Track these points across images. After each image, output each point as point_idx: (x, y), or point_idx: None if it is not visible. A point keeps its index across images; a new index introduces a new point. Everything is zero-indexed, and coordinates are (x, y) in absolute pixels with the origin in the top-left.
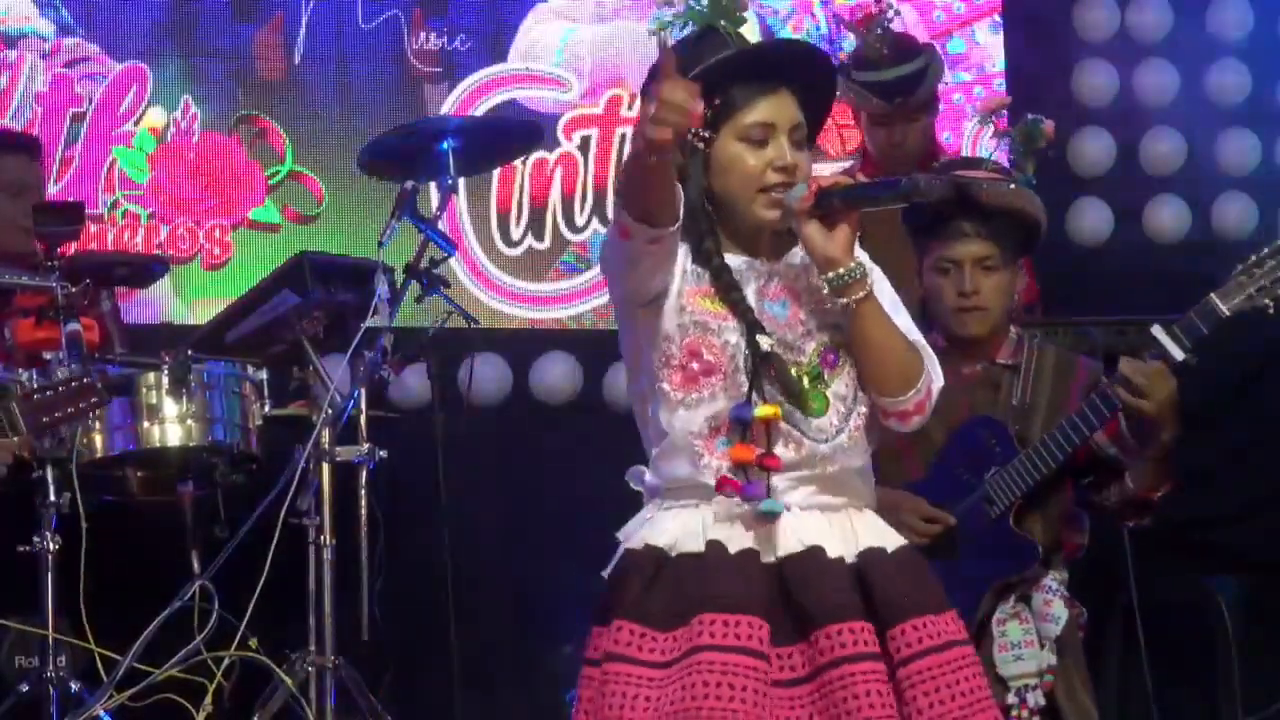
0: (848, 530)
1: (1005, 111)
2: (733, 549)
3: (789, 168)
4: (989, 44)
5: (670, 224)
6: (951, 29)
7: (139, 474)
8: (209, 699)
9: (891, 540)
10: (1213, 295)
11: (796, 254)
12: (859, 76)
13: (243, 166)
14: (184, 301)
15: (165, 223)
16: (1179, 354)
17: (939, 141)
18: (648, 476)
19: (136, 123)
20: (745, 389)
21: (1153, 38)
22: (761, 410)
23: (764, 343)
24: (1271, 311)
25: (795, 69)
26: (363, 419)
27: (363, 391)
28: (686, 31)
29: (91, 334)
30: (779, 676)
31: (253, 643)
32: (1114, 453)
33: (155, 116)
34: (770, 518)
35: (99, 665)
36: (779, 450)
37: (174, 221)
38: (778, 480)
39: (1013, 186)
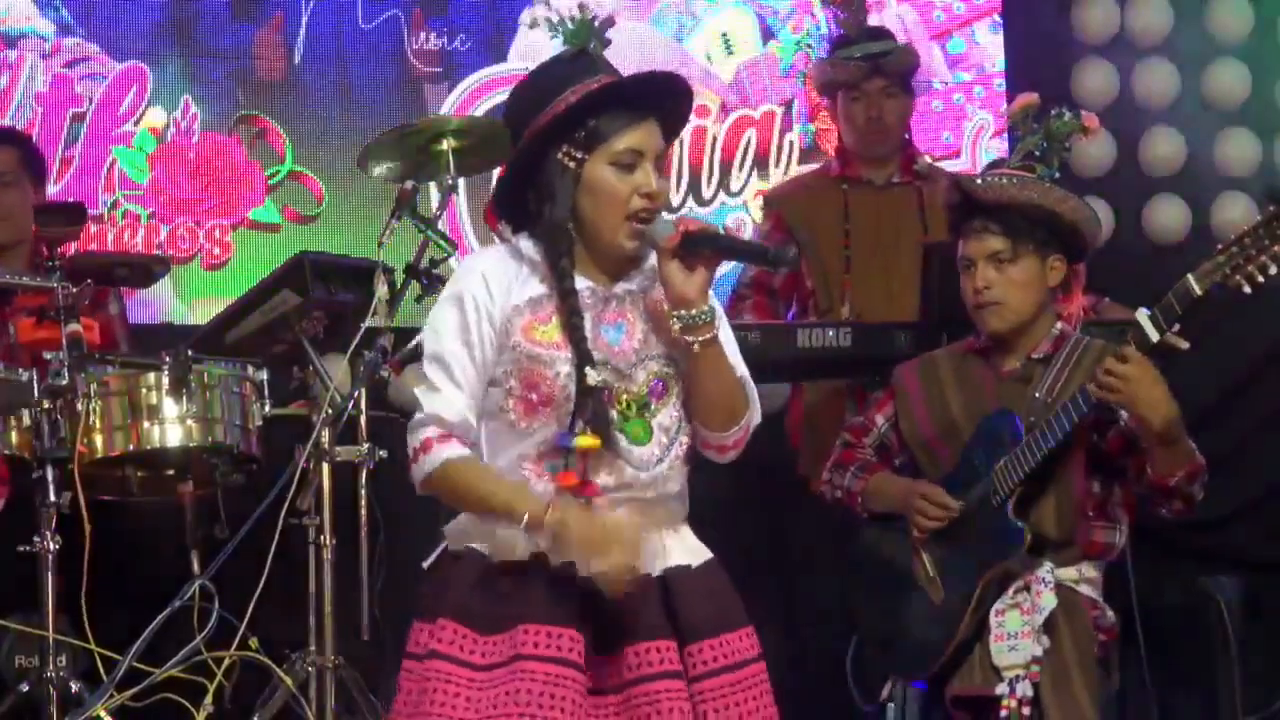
0: (658, 548)
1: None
2: (554, 561)
3: (653, 194)
4: (989, 44)
5: None
6: (951, 29)
7: (139, 474)
8: (209, 699)
9: (698, 557)
10: (1189, 276)
11: (635, 278)
12: (840, 52)
13: (243, 166)
14: (184, 301)
15: (165, 223)
16: (1154, 335)
17: (913, 144)
18: None
19: (136, 123)
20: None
21: (1153, 38)
22: (582, 440)
23: (591, 377)
24: (1247, 289)
25: (663, 100)
26: (363, 419)
27: (363, 391)
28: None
29: (91, 334)
30: (592, 685)
31: (253, 643)
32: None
33: (155, 116)
34: None
35: (99, 665)
36: (601, 477)
37: (174, 221)
38: (598, 503)
39: (1012, 180)
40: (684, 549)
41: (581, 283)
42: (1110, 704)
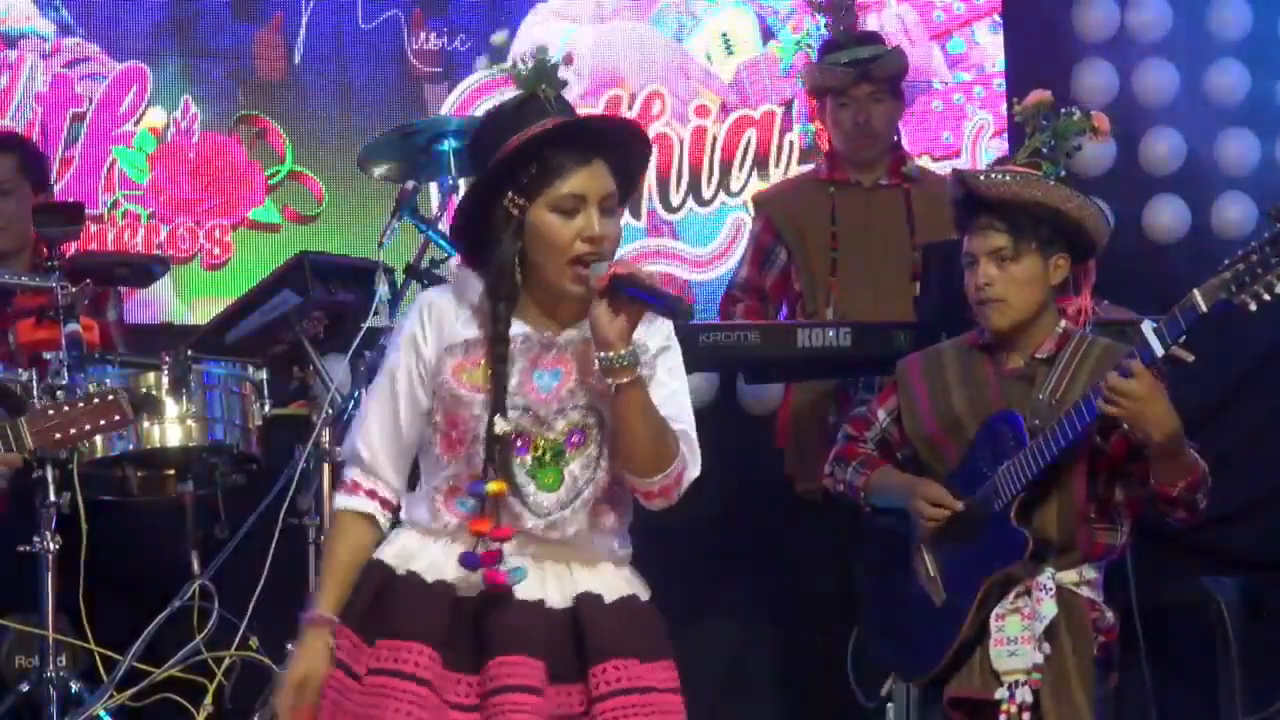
0: (565, 578)
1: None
2: (430, 579)
3: (595, 239)
4: (989, 44)
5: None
6: (951, 29)
7: (139, 474)
8: (209, 699)
9: (615, 591)
10: (1195, 291)
11: (583, 326)
12: (829, 57)
13: (243, 166)
14: (184, 301)
15: (165, 223)
16: (1160, 350)
17: (902, 147)
18: (403, 509)
19: (136, 123)
20: (482, 460)
21: (1153, 38)
22: (490, 485)
23: (499, 425)
24: (1253, 308)
25: (609, 141)
26: None
27: (363, 391)
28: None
29: (91, 334)
30: (460, 700)
31: (253, 643)
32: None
33: (155, 116)
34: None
35: (99, 665)
36: (503, 519)
37: (174, 221)
38: (507, 546)
39: (1016, 177)
40: (598, 582)
41: (520, 328)
42: (1109, 704)
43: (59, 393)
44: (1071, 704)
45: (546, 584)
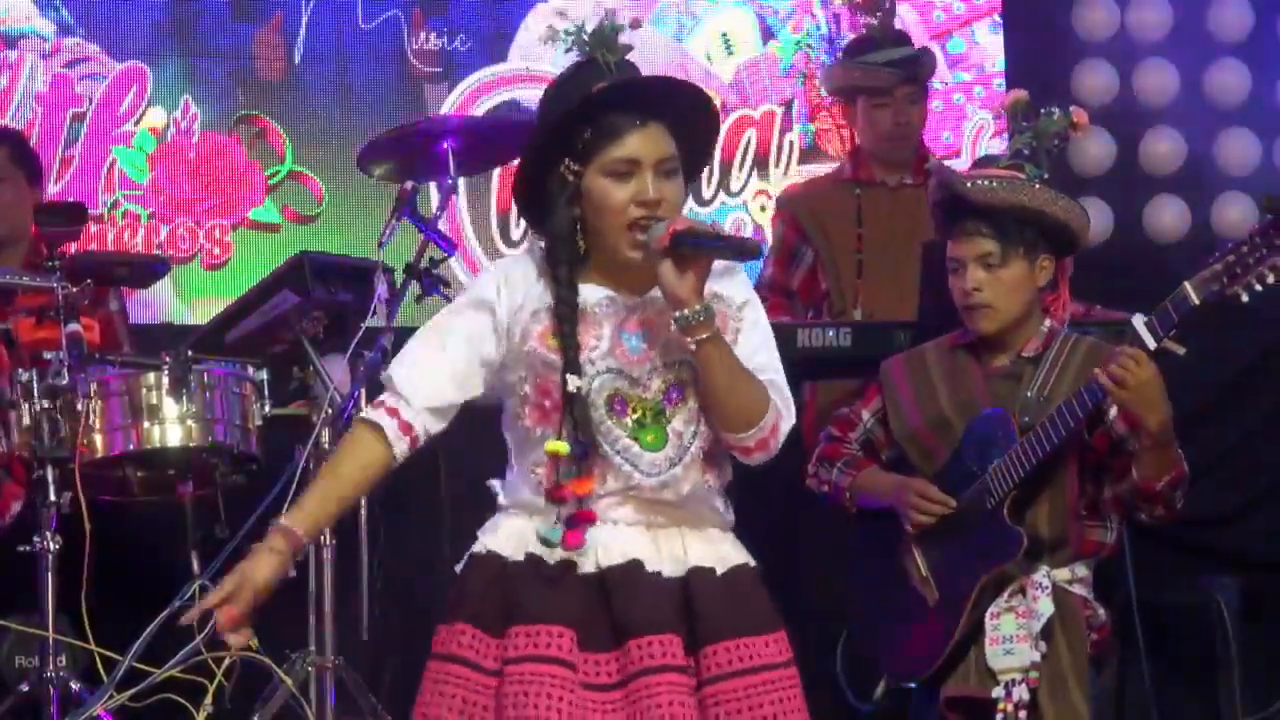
0: (677, 548)
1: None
2: (552, 560)
3: (650, 203)
4: (989, 44)
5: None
6: (951, 29)
7: (139, 474)
8: (209, 699)
9: (726, 561)
10: (1186, 283)
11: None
12: (867, 58)
13: (243, 166)
14: (184, 301)
15: (165, 223)
16: (1151, 343)
17: (924, 144)
18: (500, 496)
19: (136, 123)
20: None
21: (1153, 38)
22: (550, 445)
23: (571, 383)
24: (1244, 299)
25: (666, 104)
26: None
27: (363, 391)
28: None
29: (92, 334)
30: (595, 680)
31: (253, 643)
32: (1133, 444)
33: (155, 116)
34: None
35: (99, 665)
36: (609, 481)
37: (174, 221)
38: (606, 499)
39: (1002, 182)
40: (710, 552)
41: (601, 293)
42: (1106, 702)
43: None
44: (1069, 703)
45: (661, 554)
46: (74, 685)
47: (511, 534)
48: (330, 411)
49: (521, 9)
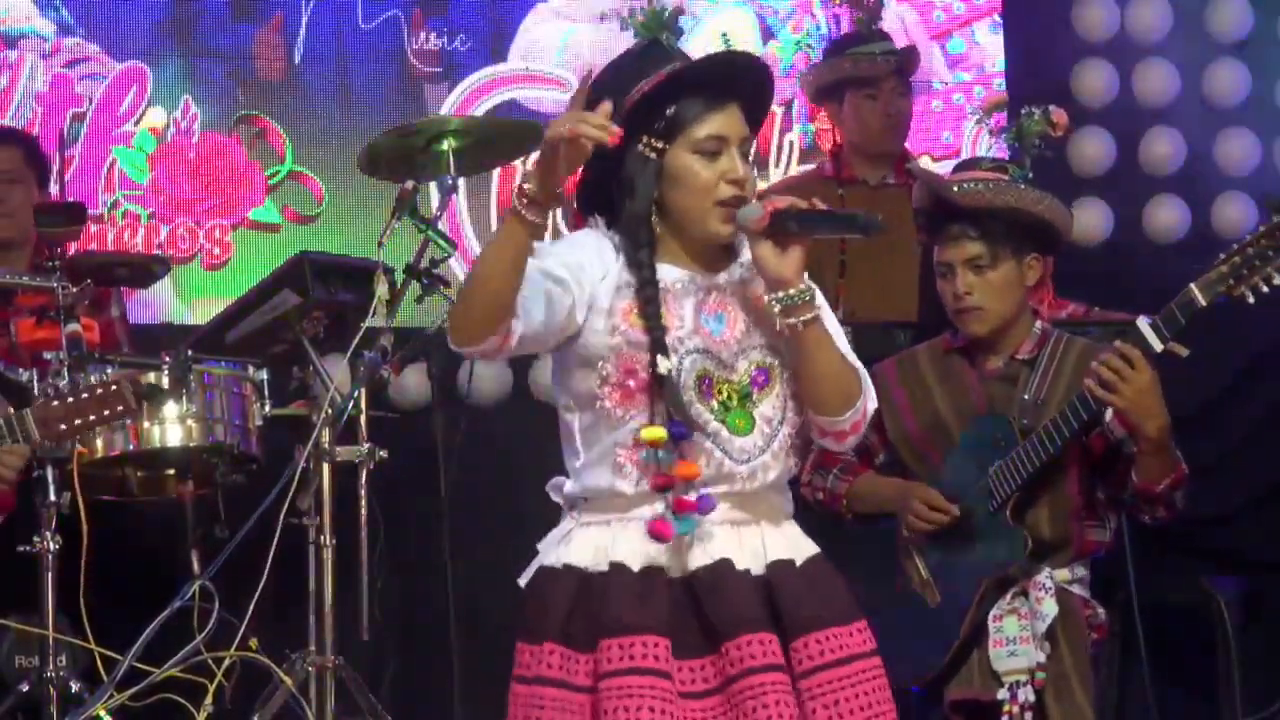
0: (757, 544)
1: (1003, 110)
2: (636, 567)
3: (740, 180)
4: (989, 44)
5: (499, 324)
6: (951, 29)
7: (139, 474)
8: (209, 699)
9: (802, 552)
10: (1192, 285)
11: (736, 268)
12: (857, 49)
13: (243, 166)
14: (184, 301)
15: (165, 223)
16: (1158, 345)
17: (905, 145)
18: (567, 486)
19: (136, 123)
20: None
21: (1153, 38)
22: (647, 432)
23: (661, 365)
24: (1251, 300)
25: (743, 83)
26: (363, 419)
27: (363, 391)
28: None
29: (92, 334)
30: (691, 689)
31: (253, 643)
32: (1130, 446)
33: (155, 116)
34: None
35: (99, 665)
36: (701, 466)
37: (174, 221)
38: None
39: (988, 184)
40: (786, 544)
41: (678, 273)
42: (1106, 701)
43: (62, 385)
44: (1074, 703)
45: (745, 551)
46: (74, 685)
47: (587, 545)
48: (330, 411)
49: (521, 9)
